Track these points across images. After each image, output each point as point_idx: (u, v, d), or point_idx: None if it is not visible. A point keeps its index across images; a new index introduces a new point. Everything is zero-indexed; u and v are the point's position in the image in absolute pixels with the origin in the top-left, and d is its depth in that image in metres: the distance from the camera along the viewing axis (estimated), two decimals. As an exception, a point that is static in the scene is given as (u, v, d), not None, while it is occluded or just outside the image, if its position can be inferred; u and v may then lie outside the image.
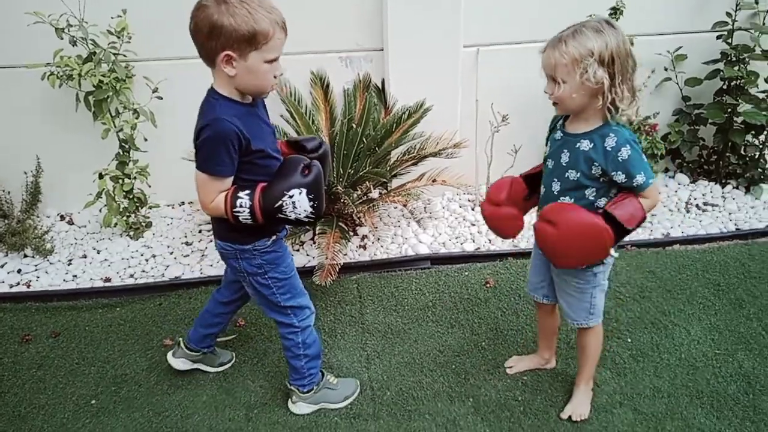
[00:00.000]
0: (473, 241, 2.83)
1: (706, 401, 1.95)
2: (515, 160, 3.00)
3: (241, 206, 1.49)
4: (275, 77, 1.48)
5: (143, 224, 2.88)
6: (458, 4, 2.76)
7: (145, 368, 2.14)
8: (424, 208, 3.10)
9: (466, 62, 2.95)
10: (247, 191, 1.50)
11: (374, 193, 2.75)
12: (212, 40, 1.38)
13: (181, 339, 2.04)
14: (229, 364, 2.13)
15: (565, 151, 1.60)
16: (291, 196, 1.49)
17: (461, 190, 3.11)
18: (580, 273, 1.71)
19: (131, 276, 2.63)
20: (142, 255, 2.76)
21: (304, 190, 1.50)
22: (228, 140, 1.43)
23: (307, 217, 1.53)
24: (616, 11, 2.72)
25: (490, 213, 1.79)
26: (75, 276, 2.62)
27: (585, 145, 1.54)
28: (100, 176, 2.66)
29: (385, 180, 2.69)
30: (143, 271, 2.66)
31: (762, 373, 2.05)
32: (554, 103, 1.55)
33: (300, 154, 1.60)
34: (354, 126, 2.82)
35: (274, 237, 1.67)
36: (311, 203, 1.52)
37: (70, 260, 2.72)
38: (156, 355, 2.18)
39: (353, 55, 2.96)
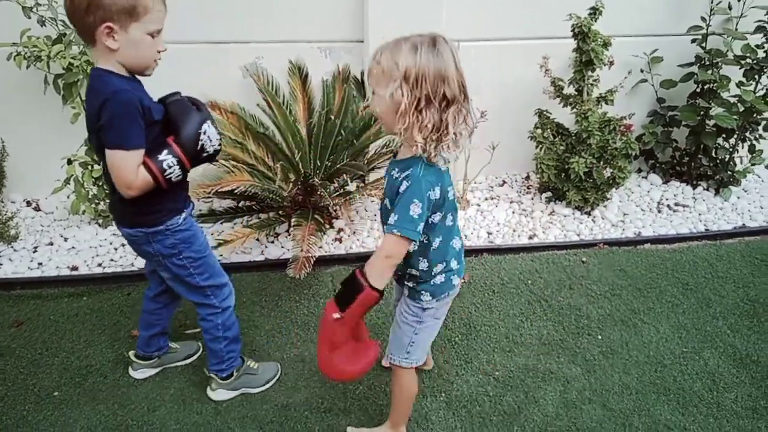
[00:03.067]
0: (449, 237, 2.83)
1: (672, 398, 1.98)
2: (492, 156, 3.02)
3: (169, 166, 1.48)
4: (159, 52, 1.48)
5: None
6: (440, -2, 2.75)
7: (111, 359, 2.08)
8: (401, 202, 3.08)
9: (447, 57, 2.94)
10: (164, 150, 1.48)
11: (351, 186, 2.73)
12: (90, 14, 1.36)
13: (131, 352, 1.99)
14: (197, 356, 2.08)
15: (387, 176, 1.47)
16: (204, 132, 1.52)
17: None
18: (411, 302, 1.57)
19: (99, 265, 2.56)
20: (111, 243, 2.69)
21: (209, 121, 1.55)
22: (135, 109, 1.42)
23: (219, 145, 1.58)
24: (595, 11, 2.74)
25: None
26: (40, 264, 2.54)
27: (395, 173, 1.41)
28: (69, 162, 2.58)
29: (362, 173, 2.67)
30: (112, 260, 2.59)
31: (726, 371, 2.10)
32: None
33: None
34: (332, 118, 2.79)
35: (184, 213, 1.66)
36: (216, 131, 1.57)
37: (36, 247, 2.64)
38: (123, 347, 2.13)
39: (333, 46, 2.92)
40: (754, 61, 2.97)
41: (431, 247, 1.47)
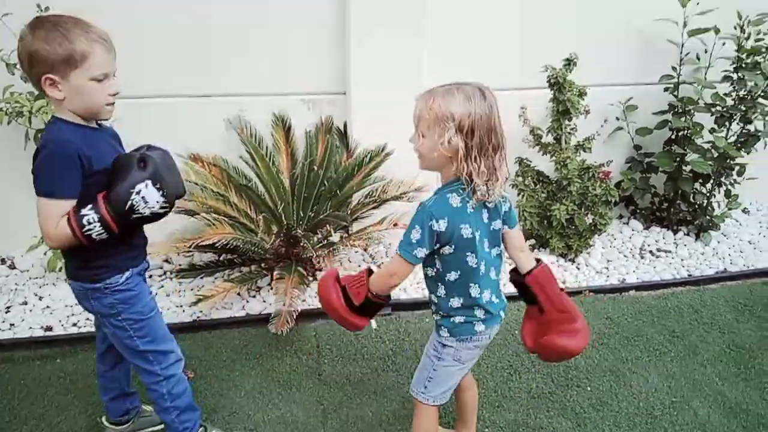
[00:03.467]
0: (434, 286, 2.81)
1: (665, 452, 1.94)
2: (475, 205, 3.03)
3: (89, 222, 1.40)
4: (112, 95, 1.45)
5: (91, 268, 2.74)
6: (420, 51, 2.81)
7: (84, 426, 1.99)
8: (386, 252, 3.07)
9: (427, 108, 2.99)
10: (89, 205, 1.41)
11: (335, 237, 2.71)
12: (32, 67, 1.38)
13: (103, 417, 1.92)
14: None
15: None
16: (138, 192, 1.42)
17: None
18: (434, 335, 1.64)
19: (74, 324, 2.48)
20: (87, 300, 2.61)
21: (149, 182, 1.43)
22: (66, 158, 1.39)
23: (161, 207, 1.47)
24: (569, 62, 2.83)
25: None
26: (12, 325, 2.45)
27: None
28: (46, 217, 2.53)
29: (346, 223, 2.66)
30: (88, 319, 2.51)
31: (717, 420, 2.07)
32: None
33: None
34: (315, 168, 2.80)
35: (127, 273, 1.58)
36: (160, 192, 1.45)
37: (9, 307, 2.55)
38: (97, 411, 2.03)
39: (316, 98, 2.96)
40: (724, 109, 3.07)
41: (446, 278, 1.52)
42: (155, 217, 1.49)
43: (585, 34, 3.01)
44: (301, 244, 2.54)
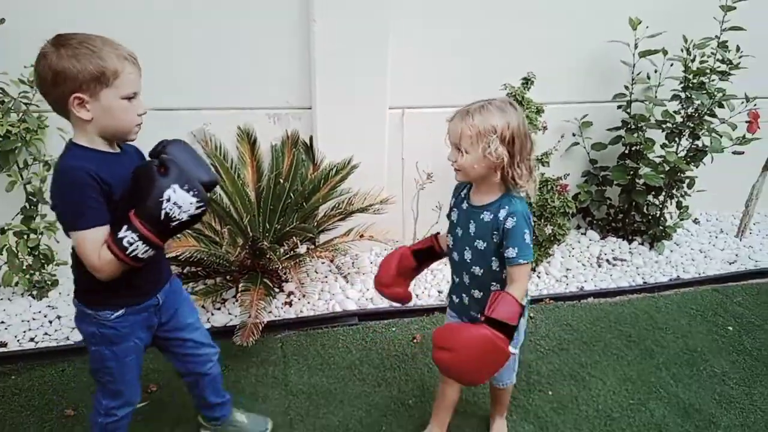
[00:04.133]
0: (400, 297, 2.84)
1: (623, 452, 2.01)
2: (439, 217, 3.09)
3: (130, 243, 1.33)
4: (140, 115, 1.41)
5: (48, 282, 2.67)
6: (384, 68, 2.88)
7: (40, 444, 1.93)
8: (352, 263, 3.09)
9: (393, 123, 3.06)
10: (123, 226, 1.34)
11: (301, 249, 2.72)
12: (58, 86, 1.30)
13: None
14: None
15: (472, 221, 1.65)
16: (168, 200, 1.34)
17: (388, 245, 3.15)
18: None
19: (32, 340, 2.41)
20: (45, 316, 2.54)
21: (175, 186, 1.35)
22: (83, 185, 1.31)
23: (197, 207, 1.39)
24: (527, 81, 2.94)
25: (381, 292, 1.90)
26: (-36, 341, 2.37)
27: (487, 216, 1.61)
28: (2, 231, 2.47)
29: (312, 235, 2.68)
30: (46, 333, 2.44)
31: (672, 421, 2.15)
32: (456, 170, 1.62)
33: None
34: (281, 181, 2.81)
35: (120, 311, 1.49)
36: (191, 193, 1.37)
37: (-40, 323, 2.46)
38: (54, 428, 1.98)
39: (281, 113, 2.99)
40: (674, 125, 3.23)
41: (503, 274, 1.65)
42: (194, 219, 1.41)
43: (541, 55, 3.14)
44: (267, 256, 2.54)
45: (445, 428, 1.98)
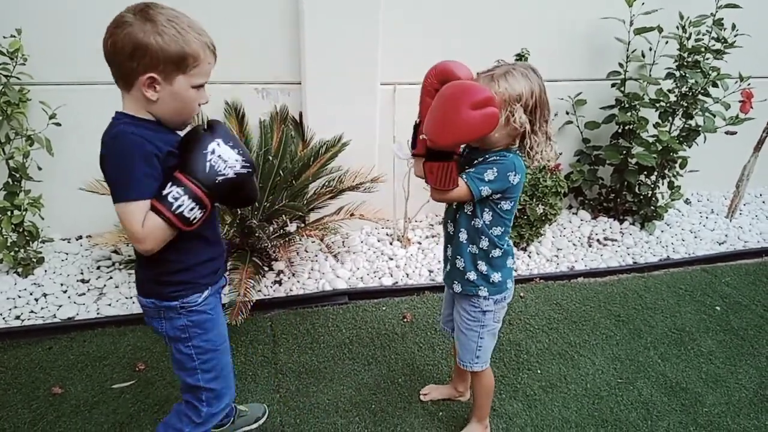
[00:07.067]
0: (391, 276, 2.83)
1: (610, 429, 2.03)
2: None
3: (175, 198, 1.24)
4: (200, 105, 1.33)
5: (34, 260, 2.63)
6: (375, 43, 2.82)
7: (28, 421, 1.91)
8: (342, 242, 3.07)
9: (384, 99, 3.01)
10: (168, 184, 1.26)
11: (291, 227, 2.69)
12: (134, 60, 1.22)
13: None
14: (264, 417, 1.99)
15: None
16: (213, 152, 1.28)
17: (379, 224, 3.13)
18: (470, 308, 1.70)
19: (17, 318, 2.38)
20: (31, 294, 2.51)
21: (219, 140, 1.30)
22: (136, 154, 1.23)
23: (243, 166, 1.32)
24: (521, 57, 2.89)
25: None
26: (-52, 319, 2.34)
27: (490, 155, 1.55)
28: (-15, 207, 2.42)
29: (302, 214, 2.64)
30: (32, 311, 2.41)
31: (659, 399, 2.17)
32: None
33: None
34: (270, 158, 2.77)
35: (207, 291, 1.43)
36: (236, 150, 1.32)
37: (-56, 301, 2.43)
38: (42, 406, 1.96)
39: (270, 87, 2.92)
40: (667, 104, 3.21)
41: (491, 231, 1.60)
42: (242, 180, 1.34)
43: (536, 31, 3.09)
44: (257, 234, 2.51)
45: (467, 384, 2.05)
